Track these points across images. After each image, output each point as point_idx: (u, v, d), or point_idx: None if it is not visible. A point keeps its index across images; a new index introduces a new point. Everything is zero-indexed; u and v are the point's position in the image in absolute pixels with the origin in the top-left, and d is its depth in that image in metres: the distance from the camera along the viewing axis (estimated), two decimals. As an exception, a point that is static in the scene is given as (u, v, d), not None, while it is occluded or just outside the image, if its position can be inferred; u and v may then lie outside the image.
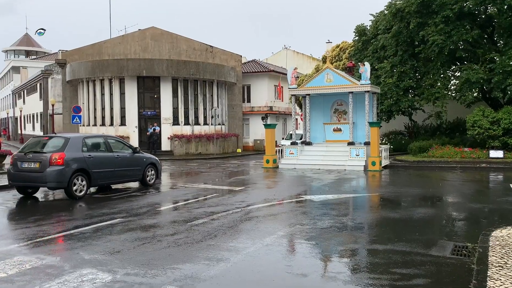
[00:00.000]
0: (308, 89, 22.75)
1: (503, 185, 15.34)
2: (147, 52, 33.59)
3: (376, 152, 20.21)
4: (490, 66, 22.65)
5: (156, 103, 31.45)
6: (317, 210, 10.22)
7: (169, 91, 31.24)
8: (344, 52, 36.41)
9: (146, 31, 34.22)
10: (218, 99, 34.38)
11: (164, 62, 30.78)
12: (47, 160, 11.48)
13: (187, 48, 34.43)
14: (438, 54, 23.94)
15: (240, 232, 7.95)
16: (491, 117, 22.05)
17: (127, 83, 30.90)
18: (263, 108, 38.75)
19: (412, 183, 16.00)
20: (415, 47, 26.01)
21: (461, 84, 23.32)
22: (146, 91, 31.58)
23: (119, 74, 30.65)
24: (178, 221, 8.87)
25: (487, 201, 11.53)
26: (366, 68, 21.42)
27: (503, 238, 6.97)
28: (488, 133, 21.77)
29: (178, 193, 13.08)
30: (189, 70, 31.28)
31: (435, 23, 23.42)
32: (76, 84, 34.22)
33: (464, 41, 23.39)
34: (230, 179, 17.53)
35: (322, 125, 23.54)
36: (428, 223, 8.81)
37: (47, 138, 12.41)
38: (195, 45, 34.83)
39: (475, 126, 22.20)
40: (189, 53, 34.30)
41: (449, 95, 26.06)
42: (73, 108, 29.96)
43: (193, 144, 31.46)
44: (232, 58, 36.58)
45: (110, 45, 33.81)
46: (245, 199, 11.88)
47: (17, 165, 11.88)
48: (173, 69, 30.74)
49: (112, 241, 7.37)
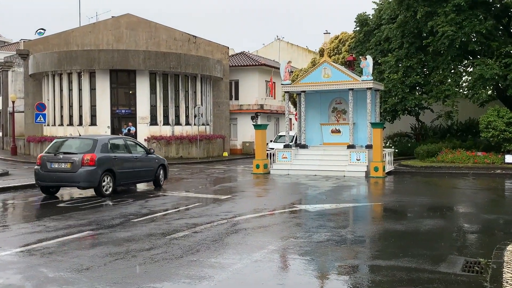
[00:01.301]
0: (303, 85, 22.83)
1: (520, 193, 15.52)
2: (122, 43, 33.46)
3: (379, 157, 20.33)
4: (506, 61, 22.93)
5: (131, 100, 31.33)
6: (313, 221, 10.24)
7: (146, 86, 31.14)
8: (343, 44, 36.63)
9: (121, 18, 34.10)
10: (202, 96, 34.34)
11: (140, 53, 30.70)
12: (79, 161, 13.35)
13: (167, 38, 34.38)
14: (449, 47, 24.19)
15: (225, 247, 7.94)
16: (507, 118, 22.31)
17: (99, 78, 30.74)
18: (253, 107, 38.81)
19: (419, 191, 16.12)
20: (423, 39, 26.25)
21: (474, 81, 23.58)
22: (120, 87, 31.43)
23: (89, 67, 30.49)
24: (155, 234, 8.84)
25: (502, 211, 11.67)
26: (368, 62, 21.56)
27: (519, 253, 7.04)
28: (503, 135, 22.03)
29: (156, 203, 13.04)
30: (169, 63, 31.23)
31: (445, 13, 23.67)
32: (40, 78, 33.95)
33: (477, 32, 23.66)
34: (215, 186, 17.51)
35: (319, 126, 23.64)
36: (436, 236, 8.88)
37: (75, 139, 14.45)
38: (176, 35, 34.79)
39: (489, 127, 22.44)
40: (169, 44, 34.25)
41: (460, 93, 26.33)
42: (36, 105, 29.78)
43: (173, 146, 31.38)
44: (218, 50, 36.59)
45: (79, 34, 33.63)
46: (232, 209, 11.88)
47: (46, 166, 13.49)
48: (151, 61, 30.67)
49: (80, 256, 7.32)
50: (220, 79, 36.26)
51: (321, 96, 23.72)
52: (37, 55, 32.29)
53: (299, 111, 23.89)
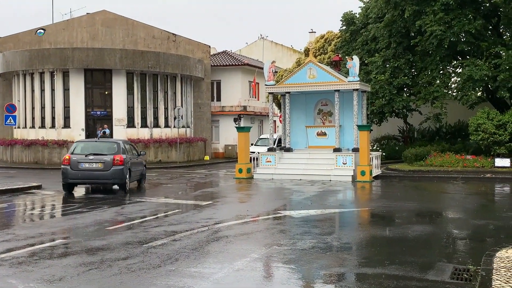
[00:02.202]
0: (288, 86, 22.91)
1: (510, 198, 15.78)
2: (97, 40, 33.22)
3: (366, 160, 20.48)
4: (496, 62, 23.30)
5: (107, 101, 31.11)
6: (298, 228, 10.27)
7: (123, 87, 30.96)
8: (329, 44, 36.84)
9: (96, 15, 33.86)
10: (182, 97, 34.25)
11: (117, 52, 30.52)
12: (110, 161, 15.72)
13: (145, 36, 34.24)
14: (437, 47, 24.50)
15: (206, 255, 7.92)
16: (497, 120, 22.65)
17: (73, 77, 30.47)
18: (236, 108, 38.81)
19: (407, 196, 16.28)
20: (411, 38, 26.54)
21: (463, 82, 23.91)
22: (95, 87, 31.20)
23: (62, 66, 30.21)
24: (132, 243, 8.77)
25: (492, 217, 11.83)
26: (355, 62, 21.72)
27: (509, 259, 7.15)
28: (493, 138, 22.36)
29: (133, 209, 12.95)
30: (147, 62, 31.10)
31: (434, 12, 23.97)
32: (10, 78, 33.51)
33: (466, 32, 24.00)
34: (196, 192, 17.47)
35: (304, 128, 23.73)
36: (425, 242, 8.97)
37: (98, 141, 17.27)
38: (154, 33, 34.67)
39: (479, 130, 22.76)
40: (147, 42, 34.11)
41: (449, 95, 26.66)
42: (6, 106, 29.34)
43: (151, 150, 31.23)
44: (199, 49, 36.55)
45: (52, 31, 33.31)
46: (213, 215, 11.85)
47: (77, 166, 15.65)
48: (128, 60, 30.50)
49: (52, 266, 7.23)
50: (201, 79, 36.21)
51: (307, 97, 23.82)
52: (7, 53, 31.88)
53: (284, 113, 23.95)
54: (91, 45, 32.54)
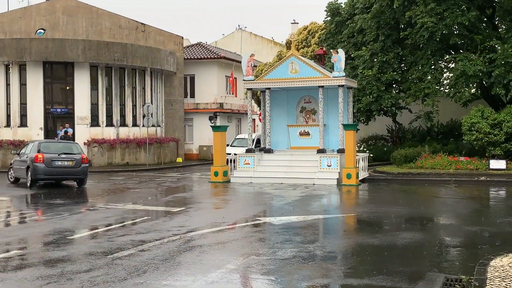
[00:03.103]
0: (268, 82, 22.94)
1: (505, 203, 16.04)
2: (58, 30, 32.80)
3: (352, 162, 20.63)
4: (491, 56, 23.66)
5: (68, 97, 30.77)
6: (278, 236, 10.27)
7: (86, 81, 30.66)
8: (313, 36, 37.01)
9: (56, 2, 33.44)
10: (152, 92, 34.05)
11: (79, 43, 30.22)
12: (79, 160, 19.56)
13: (111, 25, 33.95)
14: (428, 41, 24.78)
15: (177, 266, 7.88)
16: (492, 119, 23.00)
17: (30, 71, 30.07)
18: (211, 105, 38.72)
19: (396, 200, 16.42)
20: (401, 31, 26.82)
21: (456, 78, 24.22)
22: (56, 82, 30.83)
23: (18, 59, 29.79)
24: (95, 253, 8.70)
25: (486, 223, 12.01)
26: (340, 56, 21.85)
27: (503, 269, 7.26)
28: (488, 138, 22.71)
29: (97, 216, 12.84)
30: (114, 54, 30.86)
31: (425, 2, 24.24)
32: (-41, 71, 32.88)
33: (459, 24, 24.31)
34: (167, 197, 17.38)
35: (285, 128, 23.79)
36: (414, 250, 9.06)
37: (62, 142, 21.68)
38: (121, 22, 34.41)
39: (473, 130, 23.09)
40: (113, 32, 33.83)
41: (441, 92, 27.00)
42: (-45, 103, 28.78)
43: (118, 151, 30.98)
44: (170, 40, 36.37)
45: (7, 19, 32.80)
46: (186, 223, 11.80)
47: (50, 163, 19.02)
48: (92, 52, 30.21)
49: (6, 280, 7.13)
50: (173, 73, 36.04)
51: (288, 94, 23.89)
52: (-44, 44, 31.26)
53: (264, 110, 23.98)
54: (51, 36, 32.10)
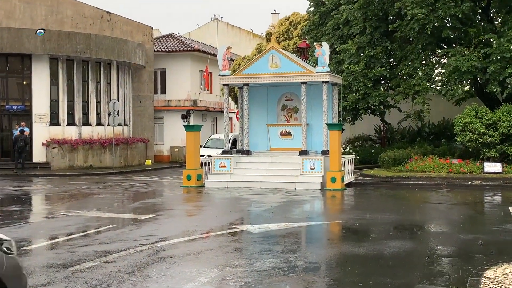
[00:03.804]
0: (246, 77, 22.91)
1: (501, 209, 16.23)
2: (13, 19, 32.33)
3: (337, 165, 20.69)
4: (486, 51, 23.92)
5: (25, 93, 30.39)
6: (256, 245, 10.28)
7: (45, 75, 30.32)
8: (295, 28, 37.13)
9: (13, -12, 32.99)
10: (119, 88, 33.79)
11: (39, 34, 29.85)
12: None
13: (73, 14, 33.60)
14: (419, 34, 24.99)
15: (145, 280, 7.83)
16: (487, 119, 23.26)
17: (-16, 64, 29.67)
18: (184, 103, 38.57)
19: (384, 206, 16.51)
20: (389, 23, 26.99)
21: (448, 74, 24.45)
22: (11, 76, 30.48)
23: (-29, 50, 29.37)
24: (54, 266, 8.62)
25: (480, 230, 12.15)
26: (324, 50, 21.91)
27: (498, 280, 7.34)
28: (482, 139, 22.96)
29: (57, 225, 12.73)
30: (76, 45, 30.55)
31: (415, -8, 24.41)
32: None
33: (452, 16, 24.56)
34: (135, 203, 17.27)
35: (265, 127, 23.79)
36: (403, 261, 9.12)
37: None
38: (85, 10, 34.08)
39: (466, 130, 23.32)
40: (75, 22, 33.48)
41: (432, 89, 27.23)
42: None
43: (80, 153, 30.67)
44: (139, 31, 36.15)
45: (-43, 7, 32.25)
46: (155, 231, 11.75)
47: None
48: (51, 43, 29.89)
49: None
50: (142, 67, 35.81)
51: (268, 90, 23.89)
52: None
53: (241, 108, 23.94)
54: (6, 25, 31.64)
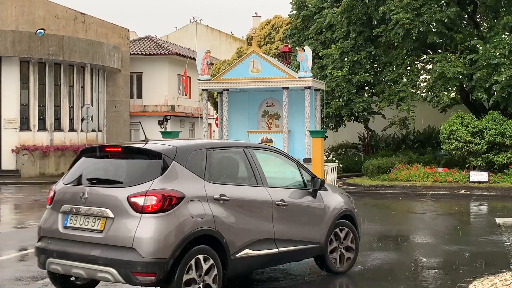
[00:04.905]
0: (226, 82, 22.88)
1: (487, 219, 16.36)
2: (-17, 20, 32.09)
3: (320, 174, 20.70)
4: (472, 57, 24.15)
5: (-5, 97, 30.11)
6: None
7: (15, 79, 30.14)
8: (277, 32, 37.25)
9: (-18, -13, 32.74)
10: (93, 92, 33.60)
11: (8, 34, 29.70)
12: None
13: (45, 14, 33.43)
14: (404, 39, 25.16)
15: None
16: (473, 126, 23.47)
17: (-50, 66, 29.35)
18: (162, 108, 38.47)
19: (367, 216, 16.51)
20: (374, 27, 27.17)
21: (434, 81, 24.67)
22: (-20, 79, 30.19)
23: None
24: (23, 279, 8.49)
25: (466, 241, 12.20)
26: (307, 54, 21.97)
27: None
28: (468, 148, 23.15)
29: (27, 235, 12.45)
30: (48, 47, 30.36)
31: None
32: None
33: (437, 21, 24.79)
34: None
35: (245, 134, 23.73)
36: (387, 273, 9.14)
37: None
38: (58, 11, 33.92)
39: (452, 138, 23.51)
40: (48, 23, 33.30)
41: (417, 95, 27.43)
42: None
43: (52, 160, 30.43)
44: (115, 33, 36.02)
45: None
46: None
47: None
48: (22, 45, 29.70)
49: None
50: (117, 70, 35.67)
51: (249, 96, 23.87)
52: None
53: (221, 114, 23.88)
54: (-25, 25, 31.43)
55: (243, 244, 6.92)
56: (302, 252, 7.96)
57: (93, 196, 6.51)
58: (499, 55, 23.04)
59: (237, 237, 6.86)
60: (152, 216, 6.17)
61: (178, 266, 6.22)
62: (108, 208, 6.31)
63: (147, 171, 6.54)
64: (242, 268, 7.18)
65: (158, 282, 6.13)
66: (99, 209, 6.38)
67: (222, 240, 6.62)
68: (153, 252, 6.05)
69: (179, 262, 6.23)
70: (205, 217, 6.50)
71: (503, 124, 23.28)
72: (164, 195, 6.24)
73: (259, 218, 7.26)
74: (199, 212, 6.48)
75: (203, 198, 6.61)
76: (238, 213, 6.94)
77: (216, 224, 6.59)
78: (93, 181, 6.83)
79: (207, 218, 6.51)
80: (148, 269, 6.02)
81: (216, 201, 6.71)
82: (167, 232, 6.17)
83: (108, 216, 6.30)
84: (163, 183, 6.36)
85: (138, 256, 6.01)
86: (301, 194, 8.09)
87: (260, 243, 7.16)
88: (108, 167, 7.00)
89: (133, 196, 6.25)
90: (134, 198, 6.24)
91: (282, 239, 7.47)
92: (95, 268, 6.23)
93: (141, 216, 6.17)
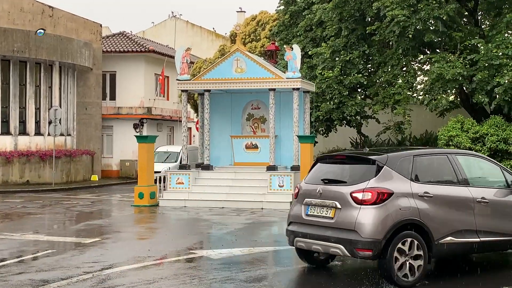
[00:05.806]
0: (207, 82, 22.90)
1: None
2: None
3: (310, 182, 20.76)
4: (472, 57, 24.30)
5: (-45, 97, 29.96)
6: (217, 273, 10.25)
7: (-22, 78, 29.93)
8: (263, 28, 37.37)
9: None
10: (62, 93, 33.52)
11: (-30, 30, 29.51)
12: None
13: (9, 8, 33.31)
14: (399, 37, 25.29)
15: (90, 313, 7.74)
16: (473, 132, 23.62)
17: None
18: (137, 110, 38.37)
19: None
20: (367, 25, 27.28)
21: (432, 83, 24.77)
22: None
23: None
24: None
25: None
26: (295, 53, 22.06)
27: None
28: (468, 154, 23.28)
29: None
30: (12, 44, 30.29)
31: (396, -9, 24.75)
32: None
33: (436, 19, 24.90)
34: (78, 225, 17.16)
35: (228, 139, 23.79)
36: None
37: None
38: (23, 4, 33.81)
39: (451, 144, 23.64)
40: (13, 17, 33.18)
41: (414, 98, 27.56)
42: None
43: (16, 166, 30.30)
44: (86, 28, 35.95)
45: None
46: (101, 257, 11.68)
47: None
48: (-16, 42, 29.56)
49: None
50: (88, 69, 35.59)
51: (233, 98, 23.92)
52: None
53: (202, 118, 23.90)
54: None
55: (445, 232, 9.25)
56: (503, 243, 10.13)
57: (326, 192, 9.35)
58: (502, 56, 23.17)
59: (439, 226, 9.22)
60: (368, 207, 8.80)
61: (390, 245, 8.65)
62: (337, 201, 9.10)
63: (365, 173, 9.26)
64: (445, 252, 9.51)
65: (374, 256, 8.72)
66: (331, 202, 9.20)
67: (425, 228, 9.03)
68: (370, 233, 8.62)
69: (390, 242, 8.68)
70: (411, 209, 8.97)
71: (506, 130, 23.40)
72: (377, 191, 8.85)
73: (461, 212, 9.56)
74: (406, 205, 8.96)
75: (409, 194, 9.08)
76: (440, 207, 9.31)
77: (420, 215, 9.03)
78: (325, 180, 9.59)
79: (412, 210, 8.98)
80: (366, 246, 8.62)
81: (421, 197, 9.15)
82: (380, 219, 8.71)
83: (337, 207, 9.07)
84: (377, 182, 9.00)
85: (359, 236, 8.66)
86: (504, 193, 10.29)
87: (462, 233, 9.43)
88: (336, 170, 9.87)
89: (354, 192, 8.99)
90: (355, 193, 8.97)
91: (483, 231, 9.66)
92: (328, 245, 9.00)
93: (360, 207, 8.84)
